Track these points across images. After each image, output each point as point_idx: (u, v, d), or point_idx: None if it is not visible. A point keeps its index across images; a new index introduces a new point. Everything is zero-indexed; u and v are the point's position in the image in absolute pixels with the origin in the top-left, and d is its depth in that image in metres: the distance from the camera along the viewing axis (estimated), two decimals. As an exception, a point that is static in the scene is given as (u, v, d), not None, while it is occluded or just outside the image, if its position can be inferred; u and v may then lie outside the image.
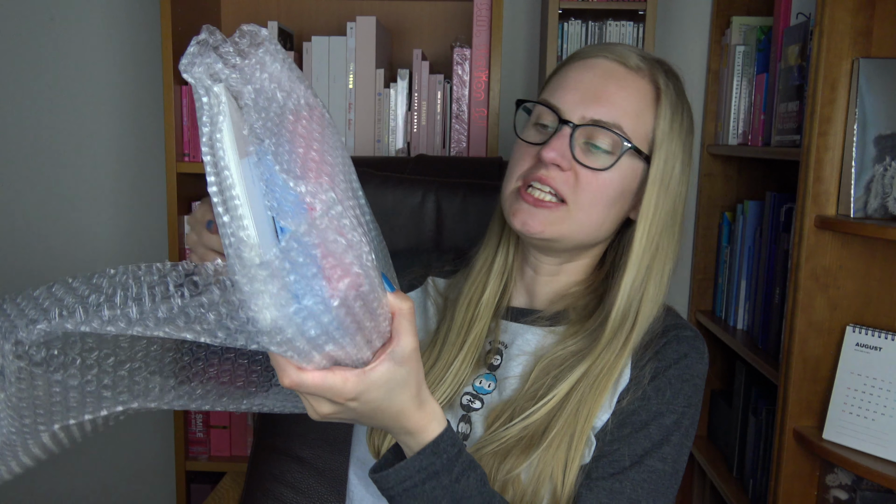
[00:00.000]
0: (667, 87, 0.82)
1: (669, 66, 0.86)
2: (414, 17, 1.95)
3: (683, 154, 0.84)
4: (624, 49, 0.83)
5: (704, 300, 2.05)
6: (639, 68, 0.82)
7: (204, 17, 1.85)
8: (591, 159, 0.80)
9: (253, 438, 1.17)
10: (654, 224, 0.82)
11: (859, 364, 1.33)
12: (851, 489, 1.40)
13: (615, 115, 0.80)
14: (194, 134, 1.77)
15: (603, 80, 0.81)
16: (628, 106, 0.80)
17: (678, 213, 0.85)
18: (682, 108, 0.84)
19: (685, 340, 0.83)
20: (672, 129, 0.82)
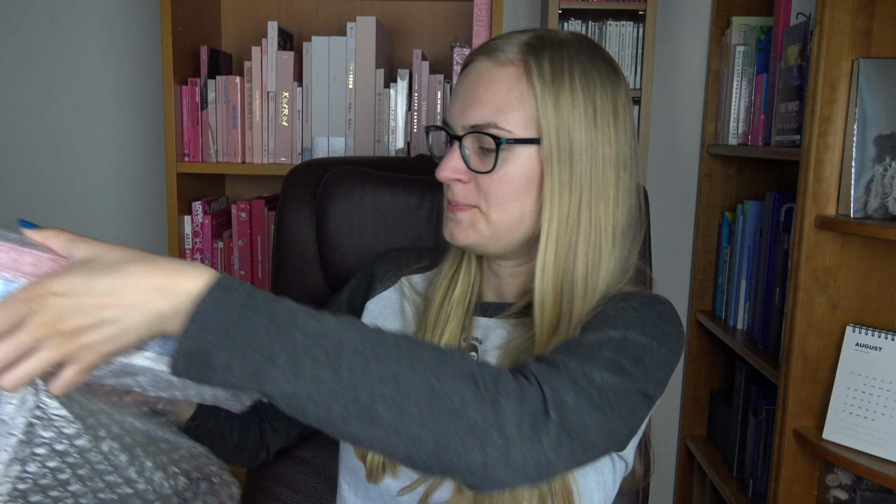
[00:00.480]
0: (538, 63, 0.77)
1: (550, 37, 0.80)
2: (414, 17, 1.95)
3: (587, 114, 0.77)
4: (502, 41, 0.80)
5: (704, 300, 2.05)
6: (509, 60, 0.78)
7: (204, 17, 1.85)
8: (483, 163, 0.79)
9: (253, 438, 1.17)
10: (562, 199, 0.78)
11: (859, 364, 1.33)
12: (851, 489, 1.40)
13: (487, 114, 0.78)
14: (194, 134, 1.77)
15: (474, 83, 0.79)
16: (498, 100, 0.77)
17: (608, 179, 0.79)
18: (567, 73, 0.77)
19: (641, 295, 0.80)
20: (556, 100, 0.76)
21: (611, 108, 0.79)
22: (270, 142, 1.77)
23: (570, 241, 0.78)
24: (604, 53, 0.82)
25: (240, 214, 1.80)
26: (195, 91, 1.76)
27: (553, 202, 0.78)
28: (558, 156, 0.77)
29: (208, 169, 1.77)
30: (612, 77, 0.80)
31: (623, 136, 0.80)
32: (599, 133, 0.78)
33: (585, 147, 0.77)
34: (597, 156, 0.78)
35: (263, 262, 1.82)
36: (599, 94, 0.78)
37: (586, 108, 0.77)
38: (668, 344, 0.75)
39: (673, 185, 2.07)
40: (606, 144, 0.78)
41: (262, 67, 1.75)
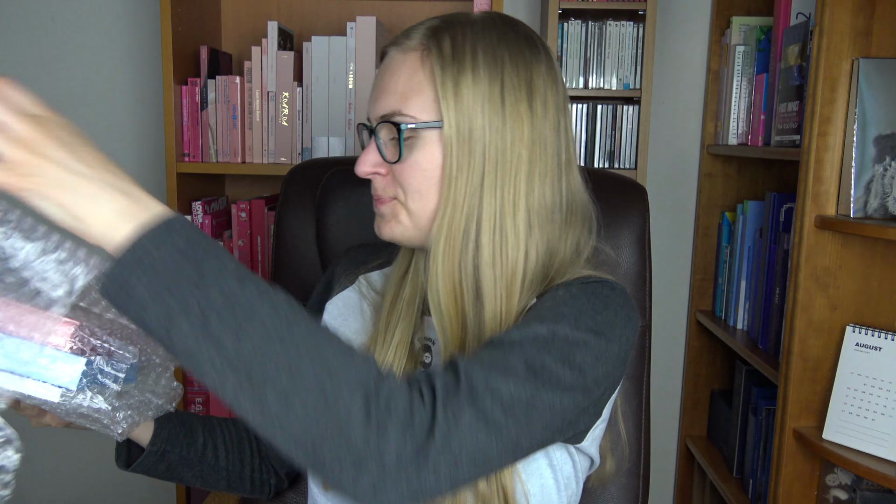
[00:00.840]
0: (438, 45, 0.74)
1: (458, 18, 0.77)
2: (414, 17, 1.95)
3: (492, 94, 0.73)
4: (411, 29, 0.78)
5: (704, 300, 2.05)
6: (412, 46, 0.76)
7: (204, 17, 1.85)
8: (395, 153, 0.76)
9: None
10: (458, 185, 0.73)
11: (859, 364, 1.33)
12: (851, 489, 1.40)
13: (392, 102, 0.76)
14: (195, 134, 1.77)
15: (383, 73, 0.78)
16: (399, 87, 0.75)
17: (519, 159, 0.74)
18: (469, 52, 0.73)
19: (582, 281, 0.75)
20: (456, 81, 0.73)
21: (524, 85, 0.74)
22: (270, 142, 1.77)
23: (466, 228, 0.74)
24: (519, 29, 0.77)
25: (240, 214, 1.80)
26: (195, 91, 1.76)
27: (450, 187, 0.74)
28: (458, 139, 0.73)
29: (208, 169, 1.77)
30: (528, 53, 0.75)
31: (542, 113, 0.75)
32: (508, 112, 0.73)
33: (489, 128, 0.73)
34: (504, 136, 0.73)
35: (263, 262, 1.82)
36: (509, 71, 0.74)
37: (492, 86, 0.73)
38: (609, 333, 0.70)
39: (673, 185, 2.07)
40: (517, 124, 0.74)
41: (262, 67, 1.75)
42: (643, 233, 1.06)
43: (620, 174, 1.12)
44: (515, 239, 0.75)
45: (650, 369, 1.07)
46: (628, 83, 1.85)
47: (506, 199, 0.74)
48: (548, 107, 0.76)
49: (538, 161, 0.75)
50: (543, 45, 0.78)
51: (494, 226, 0.74)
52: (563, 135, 0.78)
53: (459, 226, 0.74)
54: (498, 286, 0.75)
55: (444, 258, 0.75)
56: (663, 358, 2.12)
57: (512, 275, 0.75)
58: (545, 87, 0.76)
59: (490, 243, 0.74)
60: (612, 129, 1.87)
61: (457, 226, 0.74)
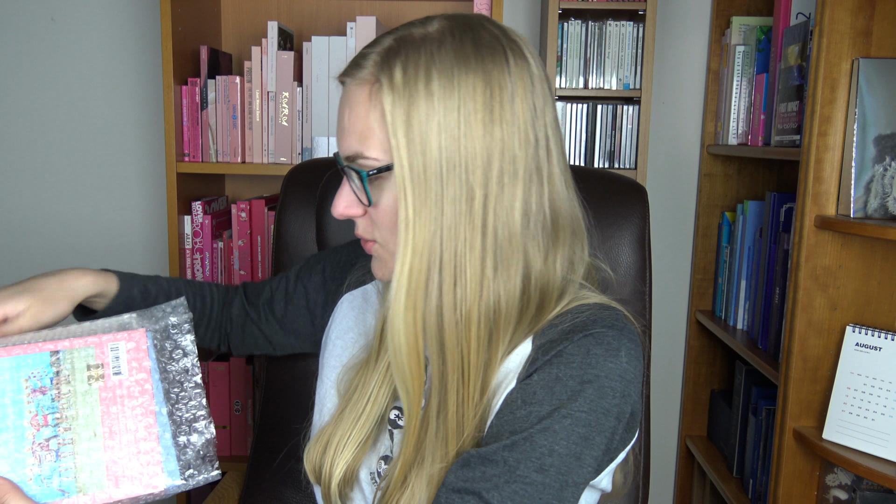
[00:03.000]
0: (389, 76, 0.67)
1: (411, 37, 0.70)
2: (414, 17, 1.94)
3: (447, 120, 0.66)
4: (364, 52, 0.71)
5: (704, 300, 2.05)
6: (365, 79, 0.70)
7: (204, 17, 1.85)
8: (366, 197, 0.72)
9: (253, 438, 1.17)
10: (419, 224, 0.68)
11: (859, 364, 1.33)
12: (851, 489, 1.40)
13: (353, 144, 0.70)
14: (194, 134, 1.77)
15: (341, 108, 0.72)
16: (359, 126, 0.69)
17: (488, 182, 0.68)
18: (422, 78, 0.67)
19: (593, 337, 0.70)
20: (408, 115, 0.66)
21: (482, 100, 0.67)
22: (270, 142, 1.77)
23: (429, 275, 0.68)
24: (480, 34, 0.69)
25: (240, 214, 1.80)
26: (195, 91, 1.76)
27: (407, 232, 0.68)
28: (412, 179, 0.67)
29: (208, 169, 1.77)
30: (490, 65, 0.68)
31: (508, 127, 0.68)
32: (466, 137, 0.66)
33: (446, 159, 0.66)
34: (465, 164, 0.67)
35: (263, 262, 1.82)
36: (468, 91, 0.66)
37: (447, 113, 0.66)
38: (602, 424, 0.68)
39: (673, 185, 2.07)
40: (478, 146, 0.67)
41: (262, 67, 1.75)
42: (643, 233, 1.06)
43: (620, 174, 1.12)
44: (475, 279, 0.68)
45: (650, 369, 1.07)
46: (628, 83, 1.85)
47: (466, 236, 0.68)
48: (516, 116, 0.68)
49: (506, 183, 0.68)
50: (511, 45, 0.70)
51: (455, 266, 0.68)
52: (540, 142, 0.70)
53: (421, 274, 0.68)
54: (459, 336, 0.69)
55: (406, 312, 0.69)
56: (663, 358, 2.12)
57: (467, 321, 0.69)
58: (512, 94, 0.68)
59: (451, 288, 0.68)
60: (612, 129, 1.87)
61: (417, 275, 0.68)
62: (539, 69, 0.72)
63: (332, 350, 0.90)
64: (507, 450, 0.68)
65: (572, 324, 0.71)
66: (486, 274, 0.69)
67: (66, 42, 2.01)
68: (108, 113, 2.03)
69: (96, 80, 2.02)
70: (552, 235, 0.73)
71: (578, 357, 0.69)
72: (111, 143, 2.05)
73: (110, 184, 2.06)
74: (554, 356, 0.70)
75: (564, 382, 0.68)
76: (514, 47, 0.70)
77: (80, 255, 2.08)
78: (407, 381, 0.72)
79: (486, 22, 0.71)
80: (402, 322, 0.69)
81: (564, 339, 0.70)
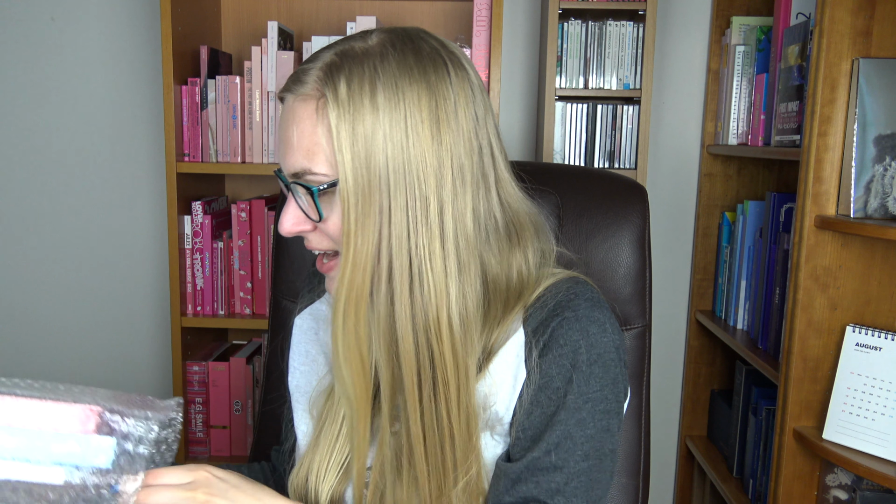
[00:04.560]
0: (333, 91, 0.68)
1: (354, 50, 0.70)
2: (414, 17, 1.95)
3: (394, 132, 0.67)
4: (306, 66, 0.71)
5: (704, 300, 2.05)
6: (308, 94, 0.69)
7: (204, 17, 1.86)
8: (316, 213, 0.72)
9: (253, 438, 1.17)
10: (360, 238, 0.69)
11: (859, 364, 1.33)
12: (851, 489, 1.40)
13: (300, 160, 0.70)
14: (194, 134, 1.77)
15: (285, 123, 0.72)
16: (305, 142, 0.69)
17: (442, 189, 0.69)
18: (367, 92, 0.67)
19: (585, 318, 0.74)
20: (353, 130, 0.67)
21: (427, 112, 0.68)
22: (270, 142, 1.77)
23: (374, 286, 0.70)
24: (421, 46, 0.70)
25: (240, 214, 1.80)
26: (195, 91, 1.76)
27: (349, 246, 0.69)
28: (354, 192, 0.68)
29: (208, 169, 1.77)
30: (433, 76, 0.69)
31: (457, 136, 0.69)
32: (414, 148, 0.68)
33: (394, 170, 0.67)
34: (412, 175, 0.68)
35: (263, 262, 1.82)
36: (413, 102, 0.68)
37: (394, 125, 0.67)
38: (614, 393, 0.75)
39: (673, 185, 2.07)
40: (425, 157, 0.68)
41: (262, 67, 1.75)
42: (643, 233, 1.06)
43: (620, 174, 1.12)
44: (440, 283, 0.70)
45: (650, 369, 1.07)
46: (628, 83, 1.85)
47: (424, 243, 0.69)
48: (460, 125, 0.70)
49: (458, 190, 0.70)
50: (450, 57, 0.71)
51: (412, 274, 0.69)
52: (484, 149, 0.72)
53: (364, 286, 0.70)
54: (425, 341, 0.70)
55: (347, 322, 0.71)
56: (663, 358, 2.12)
57: (436, 325, 0.70)
58: (455, 104, 0.69)
59: (407, 296, 0.70)
60: (612, 129, 1.87)
61: (358, 287, 0.70)
62: (478, 79, 0.73)
63: (293, 374, 0.90)
64: (550, 453, 0.72)
65: (556, 301, 0.75)
66: (450, 276, 0.70)
67: (66, 42, 2.01)
68: (108, 113, 2.03)
69: (96, 80, 2.02)
70: (507, 237, 0.75)
71: (581, 341, 0.73)
72: (111, 143, 2.05)
73: (110, 184, 2.06)
74: (555, 343, 0.73)
75: (578, 369, 0.73)
76: (453, 59, 0.71)
77: (81, 255, 2.08)
78: (348, 390, 0.73)
79: (425, 34, 0.72)
80: (342, 333, 0.71)
81: (553, 317, 0.74)
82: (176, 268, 1.77)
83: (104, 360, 2.12)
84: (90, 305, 2.10)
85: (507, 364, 0.75)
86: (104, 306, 2.10)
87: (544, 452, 0.73)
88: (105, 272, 2.09)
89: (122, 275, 2.09)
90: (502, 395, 0.75)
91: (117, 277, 2.09)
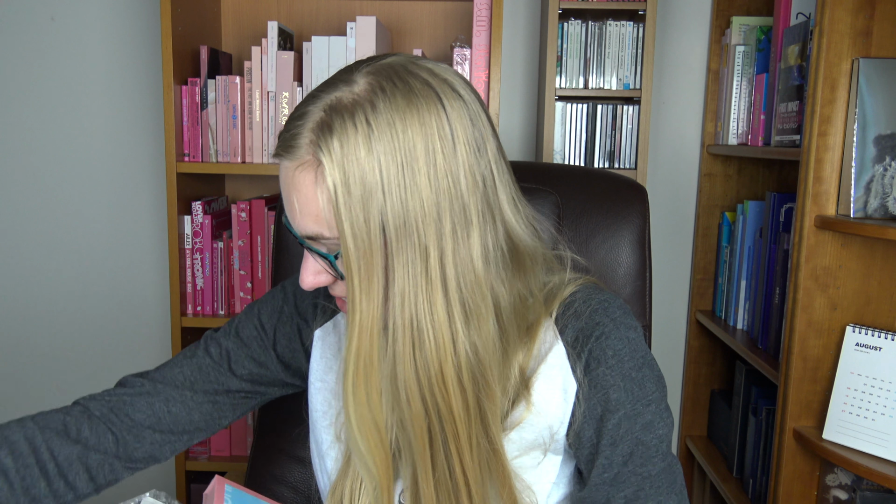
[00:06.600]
0: (329, 155, 0.64)
1: (343, 101, 0.66)
2: (414, 17, 1.95)
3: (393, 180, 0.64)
4: (295, 127, 0.67)
5: (704, 300, 2.05)
6: (305, 162, 0.66)
7: (204, 17, 1.85)
8: (332, 268, 0.70)
9: (253, 438, 1.17)
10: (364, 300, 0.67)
11: (859, 364, 1.33)
12: (851, 489, 1.40)
13: (311, 224, 0.68)
14: (194, 134, 1.77)
15: (285, 190, 0.69)
16: (312, 208, 0.67)
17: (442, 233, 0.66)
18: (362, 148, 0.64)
19: (623, 325, 0.75)
20: (351, 187, 0.64)
21: (430, 157, 0.65)
22: (270, 142, 1.77)
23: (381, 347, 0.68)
24: (411, 87, 0.66)
25: (240, 214, 1.80)
26: (195, 91, 1.76)
27: (354, 313, 0.67)
28: (356, 258, 0.65)
29: (208, 169, 1.77)
30: (426, 115, 0.65)
31: (457, 175, 0.66)
32: (418, 196, 0.65)
33: (396, 227, 0.65)
34: (417, 224, 0.65)
35: (263, 262, 1.82)
36: (409, 150, 0.64)
37: (392, 180, 0.64)
38: (660, 384, 0.77)
39: (673, 185, 2.07)
40: (430, 203, 0.65)
41: (262, 67, 1.75)
42: (643, 233, 1.06)
43: (620, 174, 1.12)
44: (444, 337, 0.67)
45: (650, 369, 1.07)
46: (628, 83, 1.85)
47: (423, 297, 0.66)
48: (459, 162, 0.66)
49: (460, 233, 0.67)
50: (441, 87, 0.67)
51: (413, 331, 0.67)
52: (486, 180, 0.69)
53: (373, 351, 0.68)
54: (434, 399, 0.68)
55: (357, 391, 0.69)
56: (663, 358, 2.12)
57: (440, 381, 0.68)
58: (454, 141, 0.66)
59: (410, 356, 0.67)
60: (612, 129, 1.87)
61: (367, 353, 0.68)
62: (473, 101, 0.70)
63: (315, 394, 0.87)
64: (628, 464, 0.73)
65: (590, 310, 0.75)
66: (456, 329, 0.67)
67: (66, 42, 2.01)
68: (108, 113, 2.03)
69: (96, 80, 2.02)
70: (513, 264, 0.72)
71: (625, 349, 0.74)
72: (111, 143, 2.05)
73: (110, 184, 2.06)
74: (602, 355, 0.74)
75: (629, 377, 0.74)
76: (444, 88, 0.67)
77: (80, 255, 2.08)
78: (367, 464, 0.71)
79: (412, 66, 0.68)
80: (353, 404, 0.69)
81: (592, 327, 0.74)
82: (176, 268, 1.77)
83: (104, 359, 2.12)
84: (90, 305, 2.10)
85: (553, 379, 0.75)
86: (104, 306, 2.10)
87: (622, 464, 0.73)
88: (105, 272, 2.09)
89: (122, 275, 2.09)
90: (553, 411, 0.75)
91: (117, 277, 2.09)
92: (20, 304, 2.11)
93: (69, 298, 2.10)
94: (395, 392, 0.69)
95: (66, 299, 2.10)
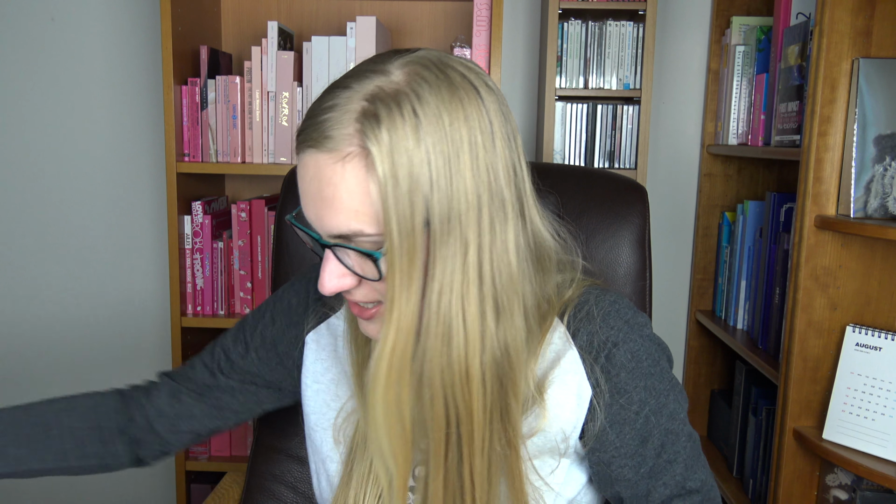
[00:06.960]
0: (378, 144, 0.61)
1: (384, 90, 0.63)
2: (414, 17, 1.95)
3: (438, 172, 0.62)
4: (330, 120, 0.63)
5: (704, 300, 2.05)
6: (348, 153, 0.62)
7: (204, 17, 1.86)
8: (367, 268, 0.66)
9: (253, 438, 1.17)
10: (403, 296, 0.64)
11: (859, 364, 1.33)
12: (851, 489, 1.40)
13: (346, 222, 0.63)
14: (194, 134, 1.77)
15: (317, 183, 0.64)
16: (352, 203, 0.63)
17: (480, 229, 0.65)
18: (410, 137, 0.61)
19: (637, 325, 0.75)
20: (401, 178, 0.61)
21: (473, 148, 0.64)
22: (270, 142, 1.77)
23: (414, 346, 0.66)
24: (451, 78, 0.65)
25: (240, 214, 1.80)
26: (195, 91, 1.76)
27: (392, 312, 0.64)
28: (400, 254, 0.63)
29: (208, 169, 1.77)
30: (469, 107, 0.64)
31: (497, 167, 0.65)
32: (462, 188, 0.63)
33: (441, 220, 0.63)
34: (460, 216, 0.63)
35: (263, 262, 1.82)
36: (457, 141, 0.63)
37: (439, 172, 0.62)
38: (670, 369, 0.79)
39: (673, 185, 2.07)
40: (472, 195, 0.63)
41: (262, 67, 1.75)
42: (643, 233, 1.06)
43: (620, 174, 1.12)
44: (474, 334, 0.66)
45: (650, 369, 1.07)
46: (628, 83, 1.85)
47: (459, 290, 0.64)
48: (497, 154, 0.65)
49: (497, 225, 0.65)
50: (478, 79, 0.66)
51: (444, 328, 0.65)
52: (518, 172, 0.68)
53: (407, 350, 0.66)
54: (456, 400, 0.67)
55: (389, 394, 0.66)
56: (663, 358, 2.12)
57: (463, 380, 0.66)
58: (492, 132, 0.65)
59: (439, 352, 0.65)
60: (612, 129, 1.87)
61: (401, 353, 0.65)
62: (500, 93, 0.69)
63: (312, 397, 0.86)
64: (661, 455, 0.75)
65: (602, 311, 0.75)
66: (487, 325, 0.66)
67: (66, 42, 2.01)
68: (107, 113, 2.04)
69: (96, 80, 2.02)
70: (538, 263, 0.72)
71: (641, 348, 0.75)
72: (111, 143, 2.05)
73: (110, 184, 2.06)
74: (621, 357, 0.74)
75: (649, 374, 0.75)
76: (479, 82, 0.66)
77: (80, 255, 2.08)
78: (388, 463, 0.69)
79: (448, 59, 0.67)
80: (383, 404, 0.66)
81: (607, 329, 0.74)
82: (176, 268, 1.77)
83: (104, 360, 2.12)
84: (90, 305, 2.10)
85: (566, 384, 0.73)
86: (104, 306, 2.10)
87: (655, 456, 0.75)
88: (105, 272, 2.09)
89: (122, 275, 2.09)
90: (566, 416, 0.74)
91: (117, 277, 2.09)
92: (20, 304, 2.11)
93: (69, 298, 2.10)
94: (419, 390, 0.67)
95: (65, 299, 2.10)
